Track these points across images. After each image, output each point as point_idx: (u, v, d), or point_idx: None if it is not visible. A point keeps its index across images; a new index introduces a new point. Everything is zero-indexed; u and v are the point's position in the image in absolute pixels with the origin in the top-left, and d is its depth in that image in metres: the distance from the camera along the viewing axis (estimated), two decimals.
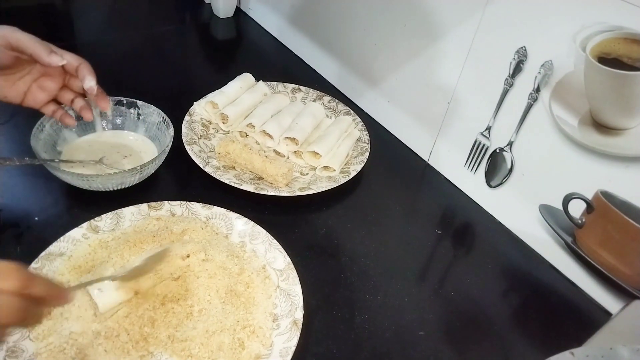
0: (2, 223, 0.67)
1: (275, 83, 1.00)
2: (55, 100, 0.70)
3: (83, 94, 0.70)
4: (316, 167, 0.84)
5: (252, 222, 0.69)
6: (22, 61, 0.65)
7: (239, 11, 1.32)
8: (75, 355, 0.52)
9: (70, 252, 0.62)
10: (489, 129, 0.79)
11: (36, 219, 0.68)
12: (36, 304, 0.42)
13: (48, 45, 0.63)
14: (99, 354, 0.53)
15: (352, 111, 0.96)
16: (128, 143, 0.81)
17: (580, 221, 0.70)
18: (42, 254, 0.60)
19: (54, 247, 0.61)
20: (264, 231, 0.68)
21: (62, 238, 0.62)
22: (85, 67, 0.66)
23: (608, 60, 0.61)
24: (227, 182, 0.76)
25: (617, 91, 0.62)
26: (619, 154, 0.64)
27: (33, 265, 0.58)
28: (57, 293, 0.45)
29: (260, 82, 0.99)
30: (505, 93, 0.74)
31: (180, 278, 0.60)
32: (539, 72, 0.69)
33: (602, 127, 0.64)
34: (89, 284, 0.55)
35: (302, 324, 0.58)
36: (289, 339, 0.57)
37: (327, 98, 0.99)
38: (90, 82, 0.66)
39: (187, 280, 0.60)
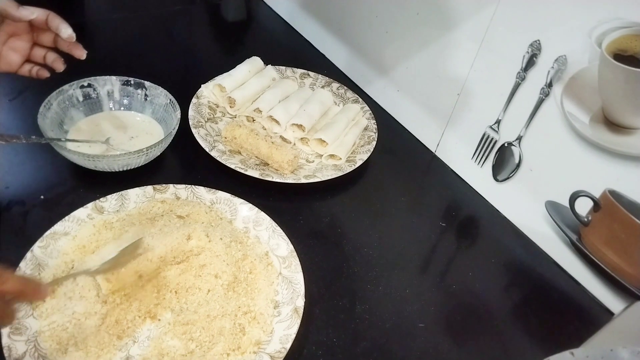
0: (9, 200, 0.67)
1: (283, 68, 0.99)
2: (29, 61, 0.69)
3: (53, 48, 0.69)
4: (322, 155, 0.84)
5: (257, 208, 0.69)
6: None
7: None
8: (77, 335, 0.52)
9: (75, 231, 0.62)
10: (498, 122, 0.78)
11: (42, 197, 0.68)
12: (7, 302, 0.43)
13: (13, 1, 0.62)
14: (101, 335, 0.53)
15: (360, 99, 0.95)
16: (135, 124, 0.81)
17: (586, 219, 0.70)
18: (47, 232, 0.60)
19: (59, 227, 0.61)
20: (268, 218, 0.68)
21: (67, 217, 0.62)
22: (56, 17, 0.64)
23: (624, 57, 0.60)
24: (232, 167, 0.75)
25: (632, 89, 0.60)
26: (629, 154, 0.63)
27: (38, 243, 0.59)
28: (31, 289, 0.45)
29: (269, 66, 0.98)
30: (516, 87, 0.73)
31: (182, 262, 0.60)
32: (552, 67, 0.68)
33: (613, 125, 0.64)
34: (64, 279, 0.55)
35: (303, 312, 0.58)
36: (290, 326, 0.57)
37: (335, 85, 0.98)
38: (67, 30, 0.64)
39: (190, 264, 0.60)
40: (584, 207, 0.70)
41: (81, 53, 0.67)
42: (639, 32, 0.58)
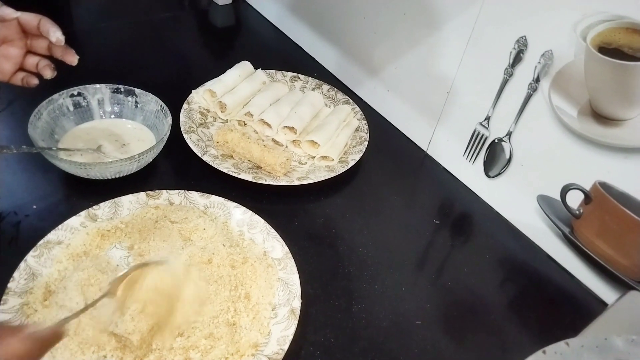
0: (1, 211, 0.67)
1: (273, 71, 1.00)
2: (22, 69, 0.67)
3: (47, 56, 0.67)
4: (315, 157, 0.84)
5: (251, 212, 0.69)
6: None
7: None
8: (69, 343, 0.52)
9: (68, 240, 0.62)
10: (488, 119, 0.78)
11: (34, 207, 0.68)
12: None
13: None
14: (95, 345, 0.53)
15: (351, 100, 0.96)
16: (126, 131, 0.81)
17: (578, 212, 0.70)
18: (41, 242, 0.60)
19: (52, 235, 0.61)
20: (262, 220, 0.68)
21: (60, 226, 0.62)
22: (47, 21, 0.63)
23: (609, 50, 0.61)
24: (225, 171, 0.75)
25: (618, 82, 0.61)
26: (618, 145, 0.63)
27: (31, 253, 0.58)
28: (53, 340, 0.41)
29: (259, 70, 0.98)
30: (504, 83, 0.74)
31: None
32: (539, 62, 0.68)
33: (601, 117, 0.64)
34: (81, 313, 0.52)
35: (300, 313, 0.58)
36: (287, 327, 0.57)
37: (326, 87, 0.98)
38: (56, 34, 0.62)
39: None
40: (575, 199, 0.70)
41: (72, 59, 0.65)
42: (622, 25, 0.59)
